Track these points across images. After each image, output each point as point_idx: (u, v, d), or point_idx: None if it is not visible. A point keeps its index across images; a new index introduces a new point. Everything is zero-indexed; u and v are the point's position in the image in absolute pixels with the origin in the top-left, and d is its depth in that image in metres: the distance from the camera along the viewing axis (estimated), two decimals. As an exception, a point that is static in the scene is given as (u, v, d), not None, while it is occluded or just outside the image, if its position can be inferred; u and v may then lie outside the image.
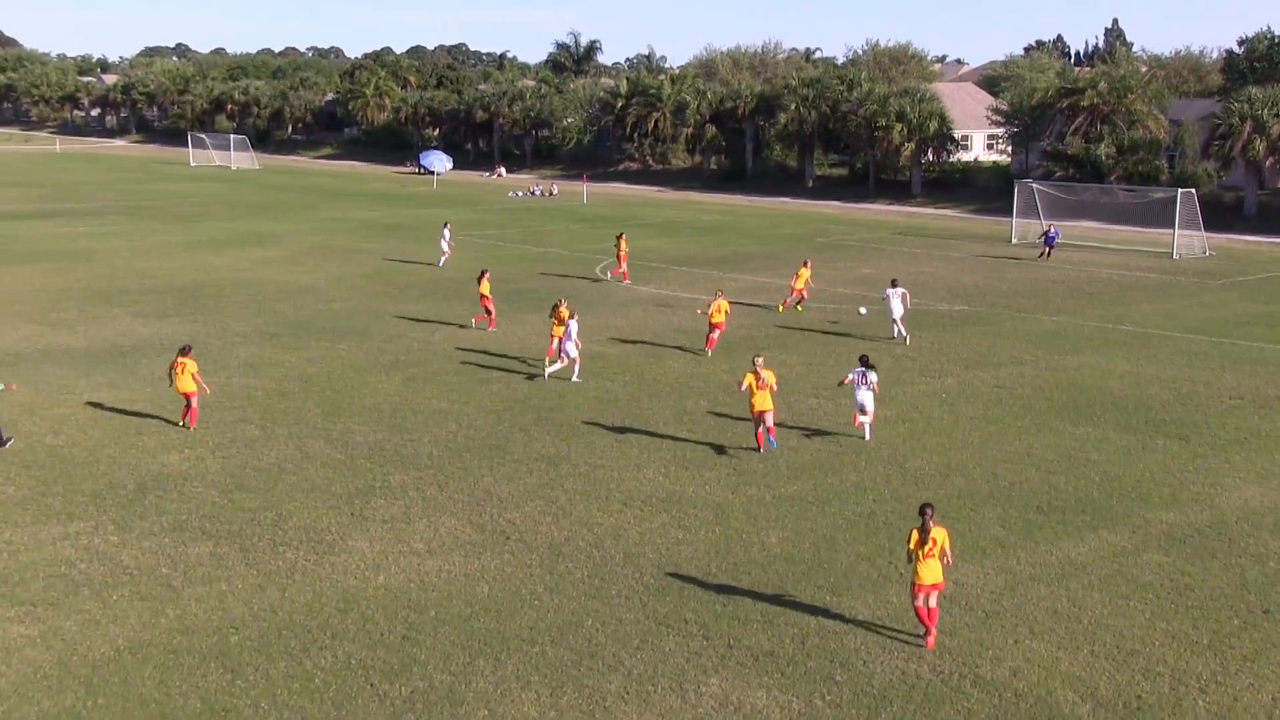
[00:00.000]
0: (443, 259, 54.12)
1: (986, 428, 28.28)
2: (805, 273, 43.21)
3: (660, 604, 18.42)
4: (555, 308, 33.70)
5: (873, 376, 26.67)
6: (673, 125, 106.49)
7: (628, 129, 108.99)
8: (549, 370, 32.48)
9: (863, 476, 24.55)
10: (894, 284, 38.40)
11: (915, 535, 17.08)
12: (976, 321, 41.62)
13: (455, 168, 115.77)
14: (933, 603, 17.18)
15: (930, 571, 17.03)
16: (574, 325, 31.92)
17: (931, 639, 17.18)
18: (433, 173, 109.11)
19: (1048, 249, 58.56)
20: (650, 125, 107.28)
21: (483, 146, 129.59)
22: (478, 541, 20.95)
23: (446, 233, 54.96)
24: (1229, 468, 25.40)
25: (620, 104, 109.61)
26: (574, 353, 31.96)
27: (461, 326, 39.63)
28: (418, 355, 35.54)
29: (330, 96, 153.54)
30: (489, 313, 39.39)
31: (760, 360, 26.17)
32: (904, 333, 37.76)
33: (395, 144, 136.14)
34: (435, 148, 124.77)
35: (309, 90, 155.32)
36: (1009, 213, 68.96)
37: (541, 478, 24.44)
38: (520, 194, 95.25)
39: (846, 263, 56.06)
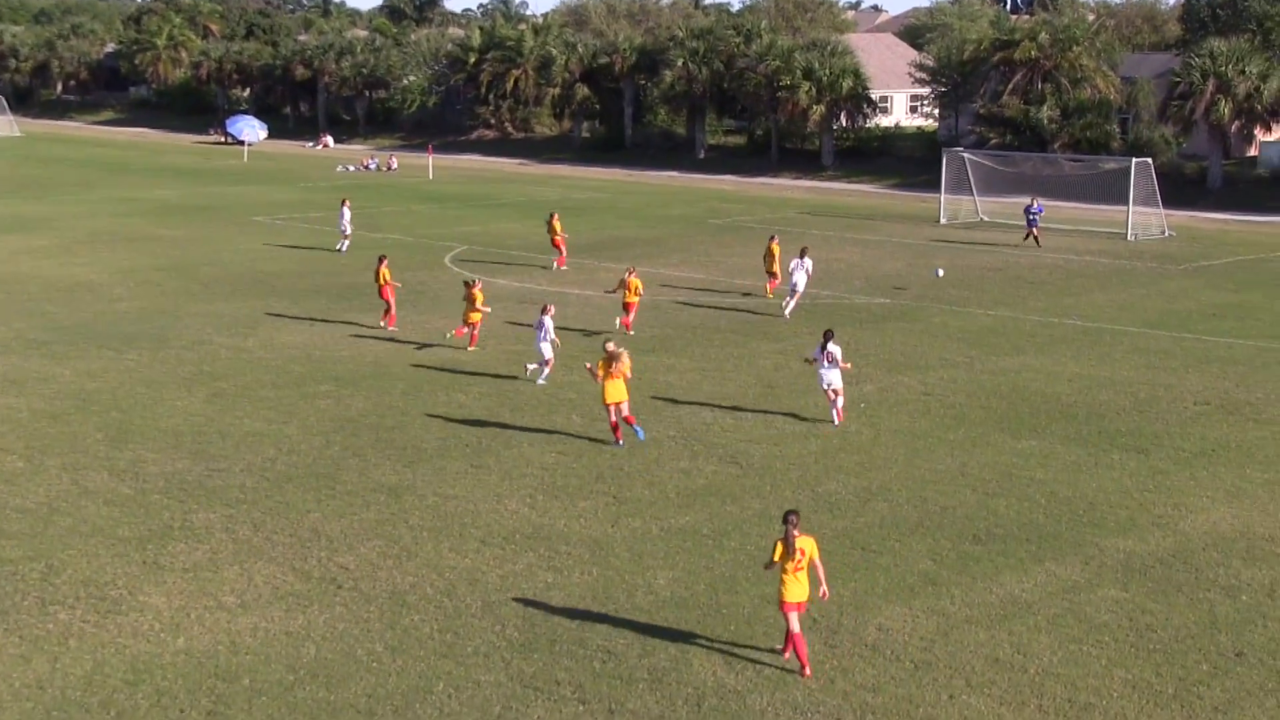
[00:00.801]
0: (344, 243, 54.59)
1: (913, 443, 28.66)
2: (776, 249, 45.17)
3: (526, 663, 18.34)
4: (468, 287, 36.63)
5: (836, 351, 29.03)
6: (536, 85, 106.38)
7: (482, 90, 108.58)
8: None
9: (767, 504, 24.71)
10: (803, 254, 42.10)
11: (780, 548, 17.73)
12: (899, 317, 42.21)
13: (271, 136, 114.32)
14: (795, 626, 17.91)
15: (798, 588, 17.69)
16: (549, 321, 32.84)
17: (787, 652, 18.05)
18: (243, 142, 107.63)
19: (1032, 231, 57.62)
20: (509, 85, 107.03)
21: (304, 111, 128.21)
22: (302, 592, 20.68)
23: (346, 213, 55.04)
24: (1195, 485, 26.05)
25: (472, 59, 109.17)
26: (549, 353, 32.91)
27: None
28: (226, 365, 35.02)
29: (111, 48, 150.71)
30: (389, 307, 39.72)
31: (611, 346, 27.72)
32: (791, 307, 41.59)
33: (195, 107, 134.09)
34: (245, 112, 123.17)
35: (83, 39, 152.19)
36: (936, 187, 70.02)
37: (381, 512, 24.21)
38: (351, 168, 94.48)
39: (745, 248, 56.40)
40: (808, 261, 42.28)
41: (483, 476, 26.21)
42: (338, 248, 54.63)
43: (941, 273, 48.26)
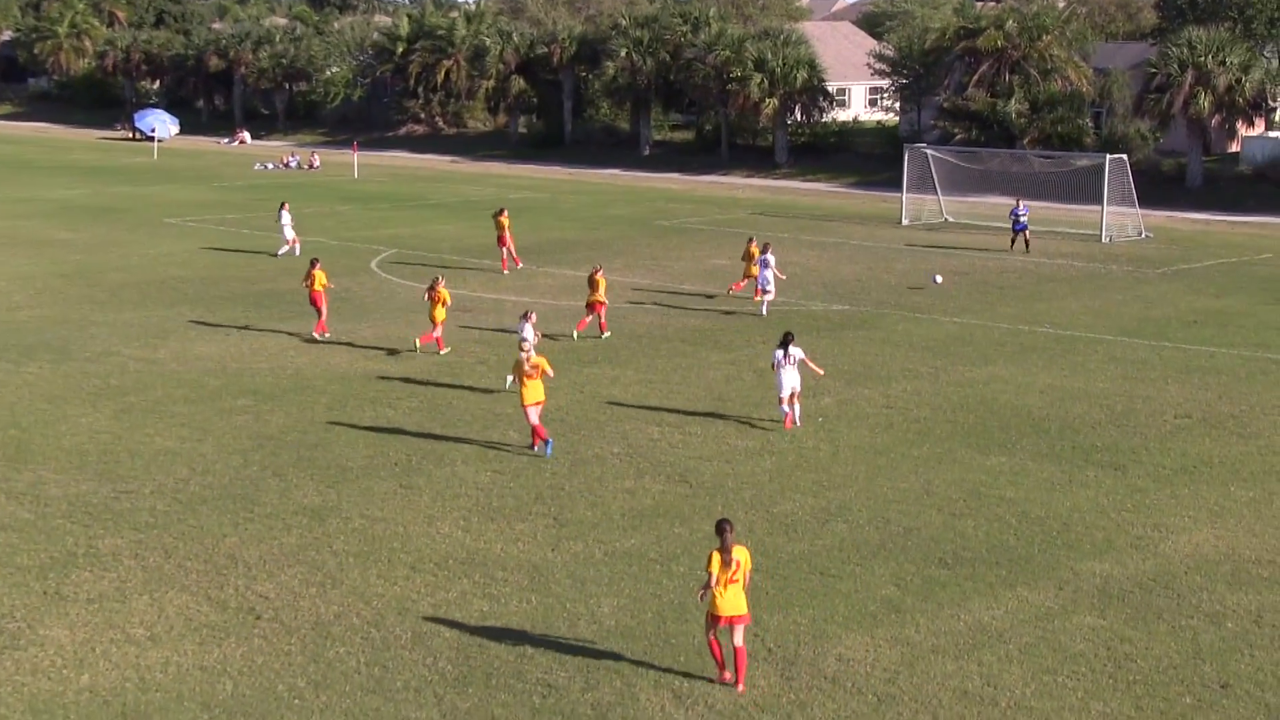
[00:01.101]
0: (285, 248, 54.72)
1: (874, 459, 28.73)
2: (755, 250, 45.59)
3: (460, 698, 18.26)
4: (432, 286, 37.19)
5: (796, 352, 29.88)
6: (469, 77, 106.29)
7: (411, 82, 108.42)
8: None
9: (720, 525, 24.68)
10: (765, 249, 44.05)
11: (717, 558, 18.12)
12: (859, 324, 42.35)
13: (183, 132, 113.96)
14: (739, 640, 18.24)
15: (735, 601, 18.07)
16: (529, 328, 32.97)
17: (741, 682, 18.25)
18: (152, 138, 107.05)
19: (1019, 235, 57.58)
20: (440, 77, 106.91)
21: (219, 105, 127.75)
22: (218, 623, 20.53)
23: (286, 216, 55.09)
24: (1175, 504, 26.21)
25: (400, 49, 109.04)
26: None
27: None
28: (135, 378, 34.78)
29: (7, 36, 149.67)
30: (320, 314, 39.73)
31: (528, 345, 29.03)
32: (765, 305, 43.46)
33: (100, 100, 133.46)
34: (155, 105, 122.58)
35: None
36: (898, 186, 70.20)
37: (303, 536, 24.07)
38: (270, 166, 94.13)
39: (693, 251, 56.56)
40: (769, 257, 43.46)
41: (413, 497, 26.10)
42: (278, 253, 54.40)
43: (940, 279, 47.94)
